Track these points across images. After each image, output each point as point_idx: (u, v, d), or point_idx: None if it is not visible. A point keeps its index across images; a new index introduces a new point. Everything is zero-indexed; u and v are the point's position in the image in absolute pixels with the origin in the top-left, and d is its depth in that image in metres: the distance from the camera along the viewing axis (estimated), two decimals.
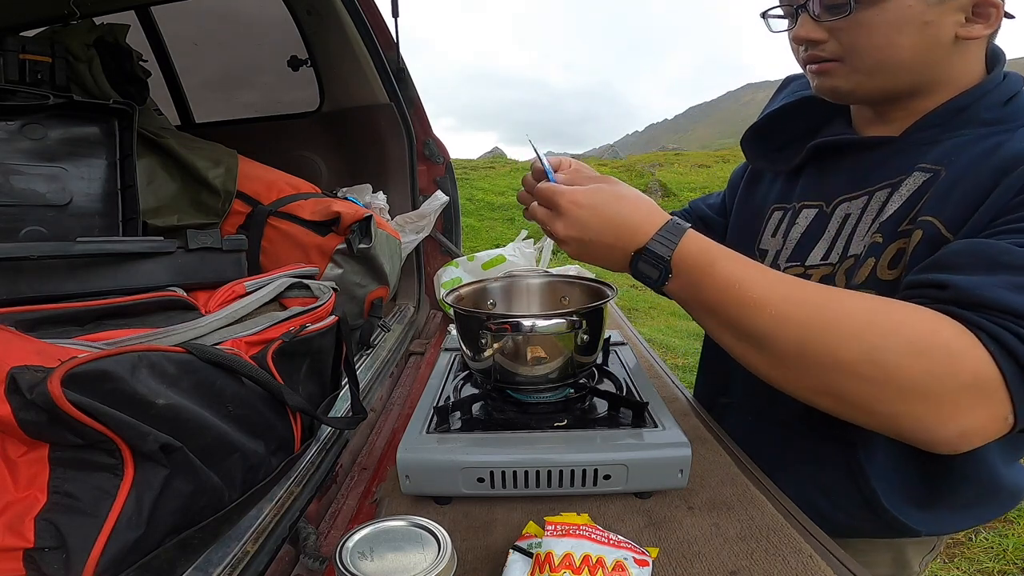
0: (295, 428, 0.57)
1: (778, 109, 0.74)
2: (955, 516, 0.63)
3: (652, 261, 0.51)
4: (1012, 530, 1.79)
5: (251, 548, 0.48)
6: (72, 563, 0.37)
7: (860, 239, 0.60)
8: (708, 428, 0.73)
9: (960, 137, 0.55)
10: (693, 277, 0.51)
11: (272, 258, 1.06)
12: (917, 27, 0.53)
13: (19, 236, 0.75)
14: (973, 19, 0.53)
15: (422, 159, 1.47)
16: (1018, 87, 0.56)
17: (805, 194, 0.69)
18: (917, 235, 0.52)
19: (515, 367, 0.64)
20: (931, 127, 0.58)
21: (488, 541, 0.52)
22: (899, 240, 0.55)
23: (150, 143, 0.99)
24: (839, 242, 0.62)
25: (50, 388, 0.35)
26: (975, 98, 0.56)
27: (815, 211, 0.67)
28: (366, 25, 1.34)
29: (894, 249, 0.55)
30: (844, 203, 0.63)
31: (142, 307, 0.58)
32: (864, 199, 0.61)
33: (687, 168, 9.68)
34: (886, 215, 0.57)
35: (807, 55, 0.60)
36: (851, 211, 0.62)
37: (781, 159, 0.74)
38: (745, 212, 0.79)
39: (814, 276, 0.63)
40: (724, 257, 0.50)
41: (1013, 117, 0.54)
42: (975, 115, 0.56)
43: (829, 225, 0.64)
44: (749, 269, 0.49)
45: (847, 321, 0.45)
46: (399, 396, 0.89)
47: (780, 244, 0.69)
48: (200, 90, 1.70)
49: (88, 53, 0.99)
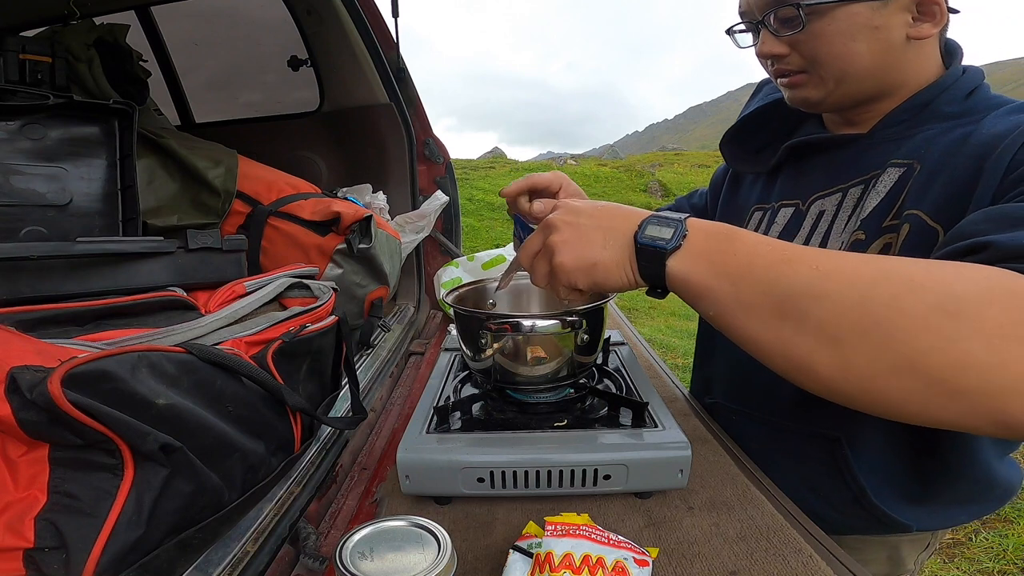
0: (295, 428, 0.57)
1: (753, 112, 0.75)
2: (948, 511, 0.64)
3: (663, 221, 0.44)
4: (1012, 530, 1.79)
5: (251, 548, 0.48)
6: (72, 563, 0.37)
7: (837, 235, 0.61)
8: (708, 428, 0.73)
9: (927, 131, 0.57)
10: (712, 243, 0.42)
11: (272, 258, 1.06)
12: (869, 32, 0.54)
13: (19, 236, 0.75)
14: (920, 18, 0.55)
15: (422, 159, 1.47)
16: (978, 81, 0.58)
17: (783, 193, 0.70)
18: (905, 229, 0.52)
19: (515, 367, 0.64)
20: (896, 124, 0.60)
21: (488, 541, 0.52)
22: (885, 236, 0.55)
23: (150, 143, 0.99)
24: (814, 238, 0.63)
25: (50, 388, 0.35)
26: (935, 93, 0.57)
27: (792, 210, 0.68)
28: (366, 25, 1.34)
29: (880, 244, 0.55)
30: (818, 200, 0.64)
31: (142, 307, 0.58)
32: (838, 196, 0.62)
33: (687, 168, 9.68)
34: (866, 211, 0.57)
35: (775, 69, 0.62)
36: (825, 208, 0.63)
37: (759, 161, 0.75)
38: (727, 214, 0.81)
39: None
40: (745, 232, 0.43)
41: (975, 110, 0.55)
42: (937, 110, 0.57)
43: (804, 222, 0.65)
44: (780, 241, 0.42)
45: (903, 270, 0.36)
46: (399, 396, 0.89)
47: None
48: (200, 90, 1.70)
49: (88, 53, 0.99)
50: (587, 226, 0.47)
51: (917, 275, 0.36)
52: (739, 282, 0.40)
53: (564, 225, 0.48)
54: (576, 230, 0.47)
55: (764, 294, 0.39)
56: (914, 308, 0.35)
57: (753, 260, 0.40)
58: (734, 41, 0.66)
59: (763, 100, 0.76)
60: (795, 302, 0.38)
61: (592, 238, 0.47)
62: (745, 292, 0.40)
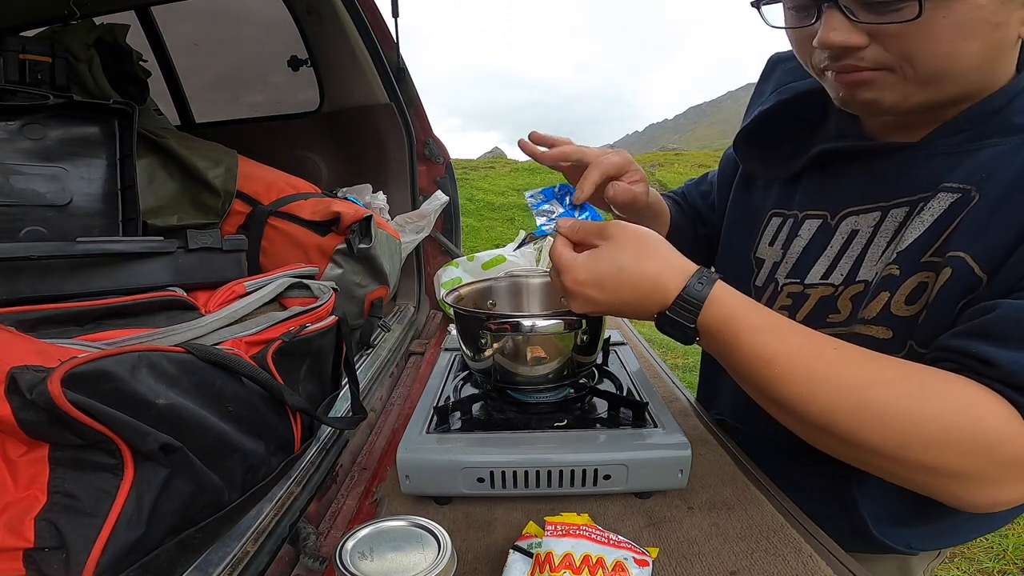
0: (295, 428, 0.57)
1: (771, 109, 0.66)
2: (952, 533, 0.61)
3: (677, 322, 0.49)
4: (1012, 530, 1.79)
5: (251, 548, 0.48)
6: (72, 563, 0.37)
7: (871, 264, 0.53)
8: (708, 428, 0.73)
9: (992, 147, 0.47)
10: (715, 347, 0.49)
11: (272, 258, 1.05)
12: (988, 30, 0.43)
13: (19, 236, 0.75)
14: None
15: (422, 159, 1.46)
16: None
17: (807, 201, 0.62)
18: (946, 273, 0.45)
19: (515, 367, 0.64)
20: (956, 133, 0.50)
21: (488, 541, 0.52)
22: (921, 273, 0.48)
23: (150, 143, 0.99)
24: (843, 261, 0.56)
25: (50, 388, 0.35)
26: (1007, 99, 0.48)
27: (818, 222, 0.60)
28: (366, 25, 1.34)
29: (914, 283, 0.48)
30: (851, 216, 0.56)
31: (142, 307, 0.58)
32: (876, 215, 0.54)
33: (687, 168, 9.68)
34: (905, 244, 0.49)
35: (838, 64, 0.49)
36: (860, 226, 0.55)
37: (779, 161, 0.66)
38: (740, 215, 0.72)
39: (812, 297, 0.57)
40: (748, 330, 0.46)
41: None
42: (1008, 120, 0.47)
43: (832, 240, 0.57)
44: (774, 343, 0.46)
45: (878, 407, 0.42)
46: (399, 396, 0.89)
47: (779, 256, 0.63)
48: (200, 90, 1.70)
49: (88, 53, 0.99)
50: (610, 308, 0.51)
51: (892, 413, 0.41)
52: (736, 375, 0.50)
53: (588, 311, 0.52)
54: (599, 311, 0.52)
55: (755, 389, 0.48)
56: (877, 441, 0.42)
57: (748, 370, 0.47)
58: (762, 16, 0.52)
59: (780, 93, 0.66)
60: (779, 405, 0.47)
61: (617, 313, 0.52)
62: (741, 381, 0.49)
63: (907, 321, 0.49)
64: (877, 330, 0.51)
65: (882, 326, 0.50)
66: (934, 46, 0.44)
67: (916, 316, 0.48)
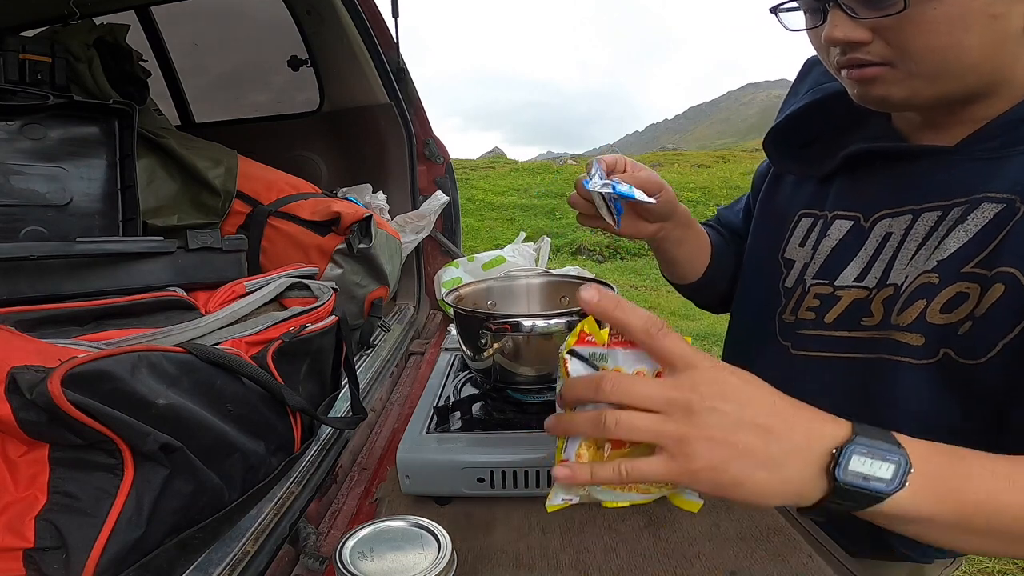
0: (295, 428, 0.57)
1: (802, 108, 0.64)
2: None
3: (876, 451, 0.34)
4: None
5: (251, 548, 0.48)
6: (72, 563, 0.37)
7: (901, 267, 0.52)
8: None
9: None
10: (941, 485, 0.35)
11: (272, 258, 1.06)
12: (985, 21, 0.43)
13: (19, 236, 0.75)
14: None
15: (422, 159, 1.47)
16: None
17: (839, 202, 0.60)
18: (997, 290, 0.44)
19: (515, 367, 0.64)
20: (993, 138, 0.49)
21: (488, 541, 0.52)
22: (961, 283, 0.47)
23: (150, 143, 0.99)
24: (877, 264, 0.55)
25: (50, 388, 0.35)
26: None
27: (850, 223, 0.58)
28: (366, 25, 1.34)
29: (952, 292, 0.47)
30: (886, 219, 0.55)
31: (142, 307, 0.58)
32: (907, 218, 0.53)
33: (687, 168, 9.68)
34: (947, 253, 0.48)
35: (846, 59, 0.49)
36: (893, 229, 0.54)
37: (811, 161, 0.64)
38: (769, 215, 0.70)
39: (844, 299, 0.56)
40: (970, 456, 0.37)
41: None
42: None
43: (867, 243, 0.56)
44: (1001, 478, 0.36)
45: None
46: (399, 396, 0.89)
47: (808, 256, 0.62)
48: (200, 90, 1.70)
49: (88, 53, 0.99)
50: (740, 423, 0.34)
51: None
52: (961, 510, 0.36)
53: (708, 412, 0.34)
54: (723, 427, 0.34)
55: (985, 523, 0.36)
56: None
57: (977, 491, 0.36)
58: (780, 22, 0.53)
59: (814, 93, 0.64)
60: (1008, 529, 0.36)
61: (749, 445, 0.34)
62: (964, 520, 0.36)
63: (940, 329, 0.48)
64: (911, 337, 0.50)
65: (916, 333, 0.50)
66: (930, 39, 0.44)
67: (951, 325, 0.48)
